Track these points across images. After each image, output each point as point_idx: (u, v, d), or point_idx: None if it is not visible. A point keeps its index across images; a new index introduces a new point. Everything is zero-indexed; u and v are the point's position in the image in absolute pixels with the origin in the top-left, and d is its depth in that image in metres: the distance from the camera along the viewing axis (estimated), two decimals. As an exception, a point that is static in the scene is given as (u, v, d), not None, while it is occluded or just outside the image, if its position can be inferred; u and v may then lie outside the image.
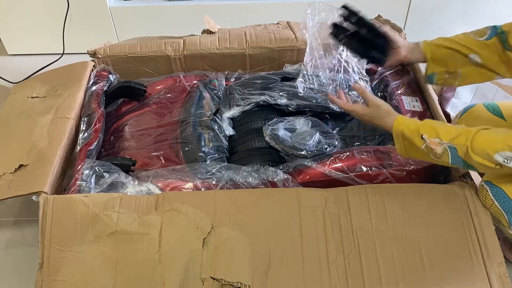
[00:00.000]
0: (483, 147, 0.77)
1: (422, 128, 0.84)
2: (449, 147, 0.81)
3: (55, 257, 0.84)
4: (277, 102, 1.15)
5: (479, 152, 0.78)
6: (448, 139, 0.81)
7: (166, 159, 1.06)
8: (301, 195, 0.89)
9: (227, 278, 0.80)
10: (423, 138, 0.83)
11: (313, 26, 1.14)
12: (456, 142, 0.80)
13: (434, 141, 0.82)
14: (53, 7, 1.68)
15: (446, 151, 0.81)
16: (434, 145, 0.82)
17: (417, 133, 0.84)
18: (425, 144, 0.83)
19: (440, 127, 0.83)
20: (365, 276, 0.81)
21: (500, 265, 0.81)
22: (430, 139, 0.82)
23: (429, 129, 0.83)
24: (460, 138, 0.80)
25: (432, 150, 0.82)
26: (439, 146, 0.82)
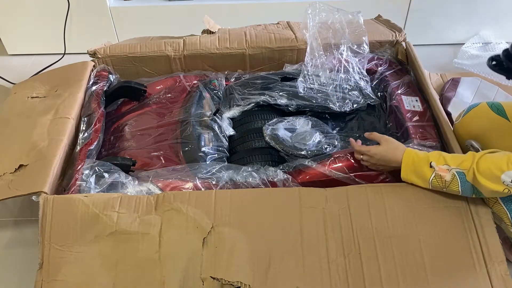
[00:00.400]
0: (489, 167, 0.78)
1: (431, 156, 0.86)
2: (457, 172, 0.82)
3: (55, 257, 0.84)
4: (277, 102, 1.15)
5: (485, 174, 0.79)
6: (456, 164, 0.83)
7: (166, 159, 1.06)
8: (301, 195, 0.88)
9: (227, 278, 0.80)
10: (432, 166, 0.85)
11: (313, 26, 1.14)
12: (463, 167, 0.82)
13: (442, 168, 0.84)
14: (53, 7, 1.68)
15: (455, 177, 0.82)
16: (442, 171, 0.84)
17: (426, 161, 0.86)
18: (434, 172, 0.84)
19: (447, 155, 0.86)
20: (366, 275, 0.81)
21: (501, 263, 0.81)
22: (438, 165, 0.84)
23: (437, 157, 0.85)
24: (466, 163, 0.82)
25: (441, 178, 0.84)
26: (448, 173, 0.83)
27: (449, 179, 0.83)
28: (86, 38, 1.76)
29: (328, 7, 1.15)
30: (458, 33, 1.82)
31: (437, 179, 0.84)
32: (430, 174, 0.85)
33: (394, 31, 1.35)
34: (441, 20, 1.79)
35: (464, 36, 1.81)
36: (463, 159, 0.83)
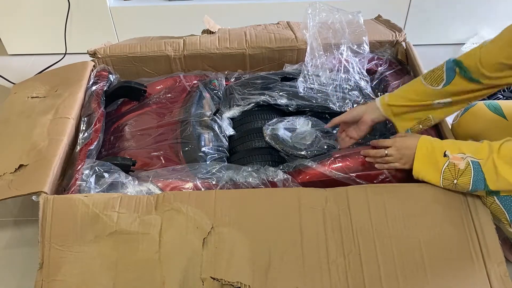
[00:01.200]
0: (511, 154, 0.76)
1: (446, 145, 0.85)
2: (472, 161, 0.81)
3: (55, 257, 0.84)
4: (277, 102, 1.15)
5: (507, 160, 0.77)
6: (471, 152, 0.81)
7: (166, 159, 1.06)
8: (301, 195, 0.88)
9: (227, 278, 0.80)
10: (446, 155, 0.83)
11: (313, 26, 1.14)
12: (478, 156, 0.80)
13: (457, 156, 0.82)
14: (53, 7, 1.68)
15: (469, 166, 0.81)
16: (457, 160, 0.82)
17: (440, 150, 0.84)
18: (447, 161, 0.83)
19: (461, 143, 0.84)
20: (365, 275, 0.81)
21: (500, 264, 0.81)
22: (453, 154, 0.83)
23: (452, 144, 0.84)
24: (482, 152, 0.80)
25: (455, 166, 0.82)
26: (462, 161, 0.81)
27: (463, 167, 0.81)
28: (86, 38, 1.76)
29: (328, 7, 1.15)
30: (458, 33, 1.82)
31: (450, 168, 0.83)
32: (443, 163, 0.83)
33: (394, 31, 1.35)
34: (441, 20, 1.79)
35: (464, 36, 1.82)
36: (477, 147, 0.81)
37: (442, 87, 0.91)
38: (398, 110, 0.97)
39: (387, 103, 0.97)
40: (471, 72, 0.87)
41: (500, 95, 1.38)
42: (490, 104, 1.03)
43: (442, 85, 0.91)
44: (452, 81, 0.90)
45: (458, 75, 0.89)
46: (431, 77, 0.93)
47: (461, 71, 0.88)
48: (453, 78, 0.90)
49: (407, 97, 0.96)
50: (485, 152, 0.79)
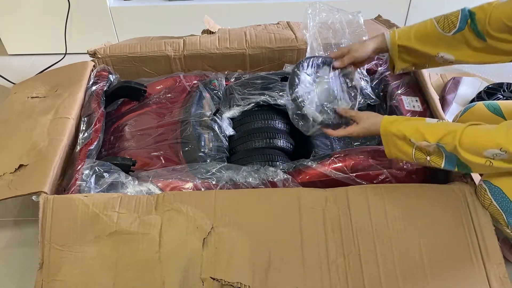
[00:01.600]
0: (473, 143, 0.77)
1: (408, 133, 0.84)
2: (438, 145, 0.81)
3: (55, 257, 0.84)
4: (277, 102, 1.15)
5: (469, 149, 0.77)
6: (435, 140, 0.81)
7: (166, 159, 1.06)
8: (301, 195, 0.88)
9: (227, 278, 0.80)
10: (412, 142, 0.84)
11: (313, 26, 1.14)
12: (443, 142, 0.80)
13: (422, 144, 0.82)
14: (53, 7, 1.68)
15: (437, 149, 0.82)
16: (424, 146, 0.83)
17: (403, 138, 0.85)
18: (415, 146, 0.84)
19: (425, 129, 0.83)
20: (365, 276, 0.81)
21: (499, 265, 0.81)
22: (418, 142, 0.83)
23: (415, 133, 0.83)
24: (447, 138, 0.80)
25: (424, 149, 0.83)
26: (429, 146, 0.82)
27: (432, 150, 0.82)
28: (86, 38, 1.76)
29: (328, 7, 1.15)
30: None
31: (421, 150, 0.83)
32: (411, 149, 0.84)
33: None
34: (441, 20, 1.78)
35: (464, 36, 1.81)
36: (443, 134, 0.80)
37: (452, 34, 0.92)
38: (403, 50, 0.99)
39: (397, 42, 0.99)
40: (480, 26, 0.88)
41: (499, 95, 1.39)
42: (490, 105, 1.03)
43: (453, 32, 0.92)
44: (462, 31, 0.91)
45: (468, 27, 0.90)
46: (444, 22, 0.93)
47: (471, 23, 0.89)
48: (464, 29, 0.91)
49: (417, 38, 0.97)
50: (449, 141, 0.79)
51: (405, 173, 0.96)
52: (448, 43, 0.94)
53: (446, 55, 0.95)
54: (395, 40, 0.99)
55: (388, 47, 1.01)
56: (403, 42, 0.99)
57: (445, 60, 0.97)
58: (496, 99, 1.37)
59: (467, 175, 0.93)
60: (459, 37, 0.92)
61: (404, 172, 0.96)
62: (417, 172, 0.97)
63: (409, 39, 0.98)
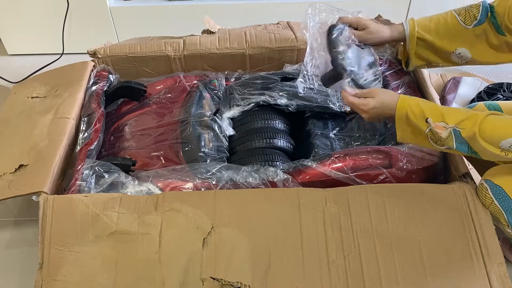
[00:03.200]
0: (492, 132, 0.75)
1: (427, 111, 0.81)
2: (454, 130, 0.79)
3: (55, 257, 0.84)
4: (277, 102, 1.15)
5: (487, 138, 0.76)
6: (455, 123, 0.78)
7: (166, 159, 1.06)
8: (301, 195, 0.88)
9: (227, 278, 0.80)
10: (428, 122, 0.81)
11: (313, 26, 1.14)
12: (462, 126, 0.78)
13: (439, 125, 0.80)
14: (53, 7, 1.68)
15: (450, 135, 0.79)
16: (439, 129, 0.80)
17: (421, 116, 0.81)
18: (429, 127, 0.81)
19: (445, 110, 0.81)
20: (365, 276, 0.81)
21: (500, 265, 0.81)
22: (435, 122, 0.80)
23: (434, 112, 0.81)
24: (467, 122, 0.77)
25: (437, 134, 0.80)
26: (444, 130, 0.79)
27: (445, 136, 0.79)
28: (86, 38, 1.76)
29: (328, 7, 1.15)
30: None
31: (433, 133, 0.81)
32: (425, 129, 0.81)
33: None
34: (441, 20, 1.78)
35: (464, 36, 1.81)
36: (463, 118, 0.78)
37: (472, 26, 0.90)
38: (421, 44, 0.96)
39: (417, 35, 0.96)
40: (499, 20, 0.86)
41: (499, 95, 1.39)
42: (490, 105, 1.03)
43: (473, 24, 0.90)
44: (482, 24, 0.89)
45: (488, 20, 0.89)
46: (466, 14, 0.92)
47: (491, 16, 0.88)
48: (484, 22, 0.89)
49: (436, 31, 0.94)
50: (468, 126, 0.77)
51: (405, 173, 0.96)
52: (467, 38, 0.92)
53: (464, 52, 0.92)
54: (414, 32, 0.96)
55: (406, 38, 0.98)
56: (422, 34, 0.96)
57: (462, 57, 0.93)
58: (496, 99, 1.37)
59: (467, 175, 0.93)
60: (479, 32, 0.90)
61: (404, 172, 0.96)
62: (417, 172, 0.97)
63: (429, 31, 0.95)
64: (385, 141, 1.09)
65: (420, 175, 0.97)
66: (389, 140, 1.08)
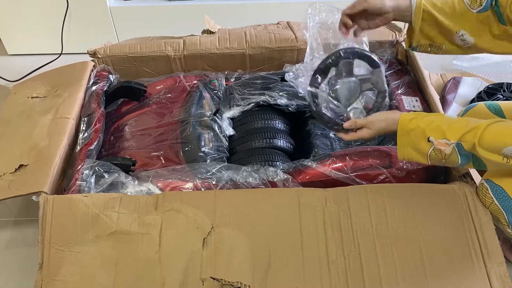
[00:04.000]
0: (493, 140, 0.75)
1: (428, 130, 0.81)
2: (456, 145, 0.79)
3: (55, 257, 0.84)
4: (277, 102, 1.15)
5: (488, 147, 0.76)
6: (456, 138, 0.79)
7: (166, 159, 1.06)
8: (301, 195, 0.88)
9: (227, 278, 0.80)
10: (430, 141, 0.81)
11: (313, 26, 1.14)
12: (464, 139, 0.78)
13: (441, 142, 0.80)
14: (53, 7, 1.68)
15: (454, 150, 0.79)
16: (442, 145, 0.80)
17: (423, 136, 0.82)
18: (432, 147, 0.81)
19: (446, 126, 0.80)
20: (365, 276, 0.81)
21: (500, 265, 0.81)
22: (437, 140, 0.80)
23: (435, 130, 0.81)
24: (468, 135, 0.78)
25: (441, 151, 0.80)
26: (447, 147, 0.79)
27: (448, 152, 0.80)
28: (86, 38, 1.76)
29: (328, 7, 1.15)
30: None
31: (436, 153, 0.81)
32: (428, 148, 0.81)
33: (394, 31, 1.35)
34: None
35: (464, 36, 1.81)
36: (464, 131, 0.78)
37: (477, 11, 0.90)
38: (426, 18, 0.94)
39: (423, 7, 0.93)
40: (501, 9, 0.86)
41: (499, 95, 1.39)
42: (491, 105, 1.03)
43: (478, 9, 0.90)
44: (487, 12, 0.89)
45: (492, 9, 0.88)
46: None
47: (495, 6, 0.88)
48: (488, 9, 0.89)
49: (443, 9, 0.93)
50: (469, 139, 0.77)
51: (405, 173, 0.96)
52: (471, 23, 0.91)
53: (467, 36, 0.92)
54: (421, 4, 0.94)
55: (412, 9, 0.95)
56: (428, 8, 0.94)
57: (465, 41, 0.93)
58: (496, 99, 1.37)
59: (467, 175, 0.93)
60: (482, 18, 0.90)
61: (404, 172, 0.96)
62: (417, 172, 0.97)
63: (435, 6, 0.94)
64: (385, 141, 1.09)
65: (420, 175, 0.97)
66: (389, 140, 1.08)
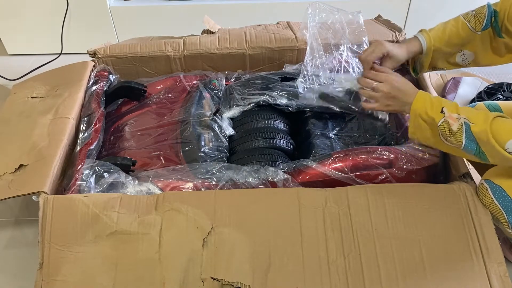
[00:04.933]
0: (499, 133, 0.77)
1: (444, 102, 0.85)
2: (465, 123, 0.81)
3: (55, 257, 0.84)
4: (277, 102, 1.15)
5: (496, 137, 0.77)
6: (466, 115, 0.81)
7: (166, 159, 1.06)
8: (301, 195, 0.88)
9: (227, 278, 0.80)
10: (443, 112, 0.83)
11: (313, 26, 1.14)
12: (473, 121, 0.80)
13: (453, 116, 0.82)
14: (53, 7, 1.68)
15: (461, 128, 0.81)
16: (452, 119, 0.82)
17: (438, 107, 0.84)
18: (443, 118, 0.83)
19: (460, 107, 0.84)
20: (365, 276, 0.81)
21: (500, 264, 0.81)
22: (449, 113, 0.82)
23: (450, 105, 0.84)
24: (478, 118, 0.80)
25: (449, 125, 0.82)
26: (456, 122, 0.81)
27: (456, 128, 0.82)
28: (86, 38, 1.76)
29: (328, 7, 1.15)
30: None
31: (445, 126, 0.83)
32: (439, 119, 0.83)
33: (394, 31, 1.35)
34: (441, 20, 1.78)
35: (464, 36, 1.81)
36: (475, 113, 0.81)
37: (481, 31, 0.94)
38: (435, 54, 1.00)
39: (433, 48, 0.99)
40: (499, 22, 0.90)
41: (499, 95, 1.39)
42: (490, 105, 1.03)
43: (481, 29, 0.94)
44: (488, 29, 0.93)
45: (491, 25, 0.92)
46: (475, 21, 0.95)
47: (494, 21, 0.92)
48: (489, 27, 0.93)
49: (450, 41, 0.98)
50: (480, 121, 0.79)
51: (405, 173, 0.96)
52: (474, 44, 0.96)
53: (468, 54, 0.97)
54: (431, 46, 1.00)
55: (424, 51, 1.02)
56: (437, 47, 1.00)
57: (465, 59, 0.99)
58: (496, 99, 1.37)
59: (467, 175, 0.93)
60: (484, 36, 0.94)
61: (404, 172, 0.96)
62: (417, 172, 0.97)
63: (441, 40, 1.00)
64: (385, 141, 1.09)
65: (420, 175, 0.97)
66: (389, 140, 1.08)
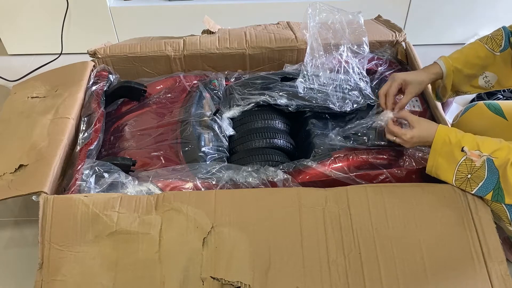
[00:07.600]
0: None
1: (463, 140, 0.84)
2: (487, 159, 0.81)
3: (55, 257, 0.84)
4: (277, 102, 1.15)
5: None
6: (489, 152, 0.81)
7: (166, 159, 1.06)
8: (301, 195, 0.88)
9: (227, 277, 0.80)
10: (464, 151, 0.83)
11: (313, 26, 1.14)
12: (495, 155, 0.80)
13: (474, 153, 0.82)
14: (53, 7, 1.68)
15: (484, 164, 0.81)
16: (474, 156, 0.82)
17: (458, 145, 0.84)
18: (465, 156, 0.83)
19: (481, 140, 0.83)
20: (366, 275, 0.81)
21: (501, 263, 0.81)
22: (471, 151, 0.82)
23: (470, 141, 0.83)
24: (500, 152, 0.80)
25: (472, 162, 0.82)
26: (479, 159, 0.81)
27: (479, 164, 0.82)
28: (86, 38, 1.76)
29: (328, 7, 1.15)
30: (458, 33, 1.82)
31: (467, 163, 0.83)
32: (460, 158, 0.83)
33: (394, 31, 1.35)
34: (441, 20, 1.79)
35: (463, 36, 1.82)
36: (497, 147, 0.81)
37: (499, 52, 0.95)
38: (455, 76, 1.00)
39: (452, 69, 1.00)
40: None
41: (500, 95, 1.39)
42: (490, 105, 1.03)
43: (499, 50, 0.95)
44: (507, 50, 0.94)
45: (511, 47, 0.93)
46: (492, 42, 0.96)
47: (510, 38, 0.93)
48: (508, 47, 0.94)
49: (470, 62, 0.99)
50: (502, 156, 0.79)
51: (405, 173, 0.96)
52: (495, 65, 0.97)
53: (490, 75, 0.98)
54: (451, 67, 1.00)
55: (444, 74, 1.02)
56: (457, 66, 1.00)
57: (488, 81, 0.99)
58: (496, 99, 1.37)
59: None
60: (505, 56, 0.95)
61: (404, 172, 0.96)
62: (417, 172, 0.97)
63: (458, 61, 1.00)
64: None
65: (420, 175, 0.97)
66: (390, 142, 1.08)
